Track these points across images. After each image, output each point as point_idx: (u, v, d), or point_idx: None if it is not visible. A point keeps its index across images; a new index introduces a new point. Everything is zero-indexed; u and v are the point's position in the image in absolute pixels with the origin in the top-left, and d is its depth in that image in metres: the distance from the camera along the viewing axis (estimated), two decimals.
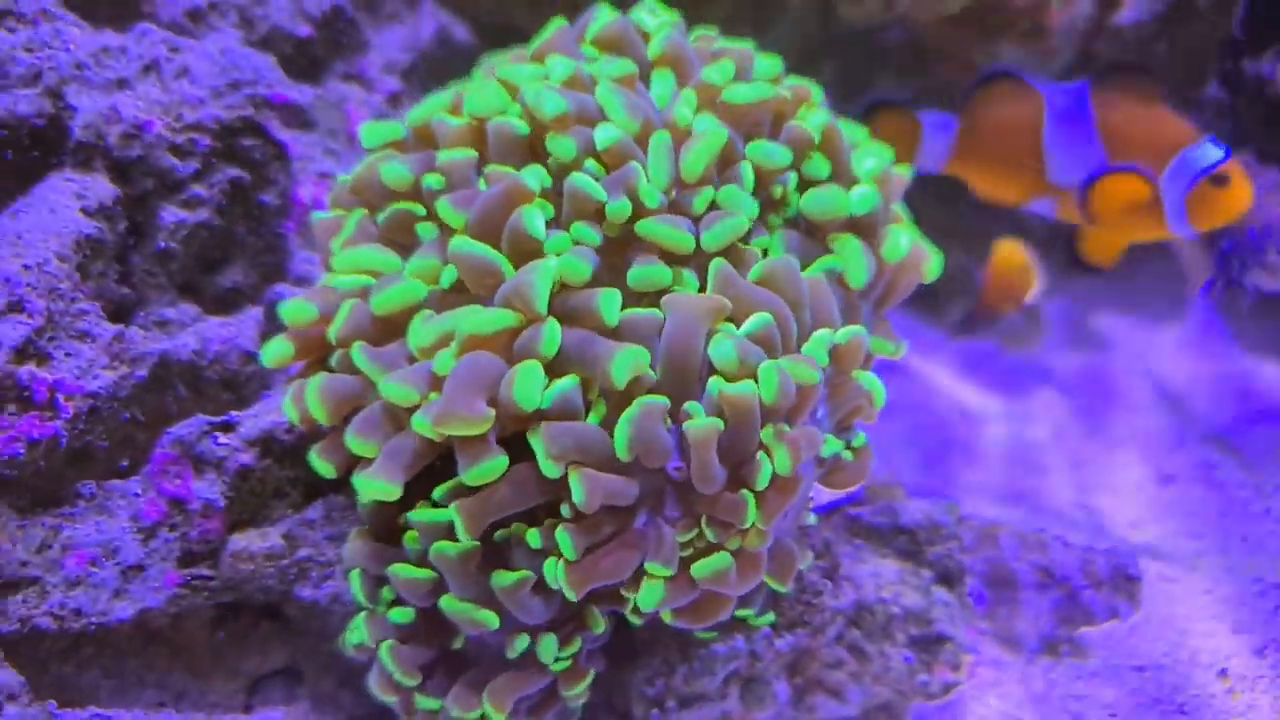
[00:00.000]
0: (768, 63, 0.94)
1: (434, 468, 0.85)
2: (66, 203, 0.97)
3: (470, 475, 0.81)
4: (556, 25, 0.95)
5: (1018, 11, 1.50)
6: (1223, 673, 1.17)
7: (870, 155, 0.93)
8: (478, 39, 1.36)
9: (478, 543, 0.84)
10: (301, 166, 1.07)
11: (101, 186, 1.01)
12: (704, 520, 0.84)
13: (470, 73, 1.00)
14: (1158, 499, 1.53)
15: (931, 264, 0.98)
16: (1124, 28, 1.72)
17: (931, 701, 1.09)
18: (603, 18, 0.93)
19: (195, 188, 1.04)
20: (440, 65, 1.25)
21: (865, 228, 0.91)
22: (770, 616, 0.99)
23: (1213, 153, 1.22)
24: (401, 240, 0.89)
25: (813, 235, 0.91)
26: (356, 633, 0.92)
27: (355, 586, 0.91)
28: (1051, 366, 1.90)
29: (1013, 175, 1.29)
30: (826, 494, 1.08)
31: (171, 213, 1.05)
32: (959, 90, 1.37)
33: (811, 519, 0.98)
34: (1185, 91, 1.92)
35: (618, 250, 0.86)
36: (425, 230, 0.88)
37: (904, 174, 0.99)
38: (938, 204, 1.64)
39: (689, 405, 0.81)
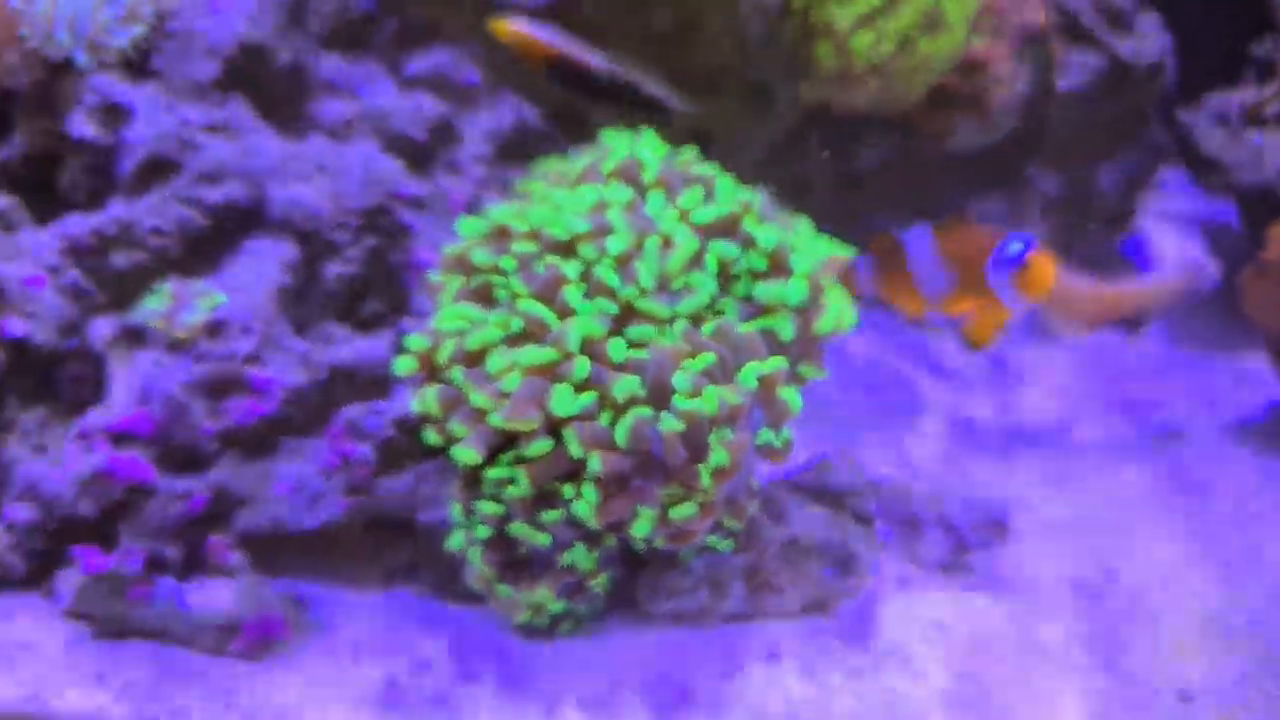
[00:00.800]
0: (724, 182, 1.40)
1: (502, 444, 1.36)
2: (270, 260, 1.50)
3: (530, 450, 1.31)
4: (587, 160, 1.42)
5: (963, 96, 1.94)
6: None
7: (805, 257, 1.38)
8: (548, 122, 1.80)
9: (534, 491, 1.35)
10: (418, 238, 1.57)
11: (290, 249, 1.53)
12: (676, 483, 1.33)
13: (542, 153, 1.47)
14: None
15: (847, 325, 1.44)
16: (1066, 94, 2.15)
17: (853, 599, 1.57)
18: (617, 154, 1.40)
19: (350, 251, 1.54)
20: (518, 147, 1.73)
21: (799, 309, 1.38)
22: (729, 543, 1.48)
23: (1014, 245, 1.59)
24: (484, 299, 1.38)
25: (761, 308, 1.38)
26: (455, 540, 1.43)
27: (455, 512, 1.42)
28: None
29: (905, 297, 1.71)
30: (776, 467, 1.55)
31: (334, 268, 1.55)
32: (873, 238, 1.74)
33: (755, 483, 1.46)
34: (1131, 139, 2.34)
35: (628, 315, 1.34)
36: (500, 294, 1.37)
37: (841, 257, 1.44)
38: None
39: (663, 414, 1.29)
